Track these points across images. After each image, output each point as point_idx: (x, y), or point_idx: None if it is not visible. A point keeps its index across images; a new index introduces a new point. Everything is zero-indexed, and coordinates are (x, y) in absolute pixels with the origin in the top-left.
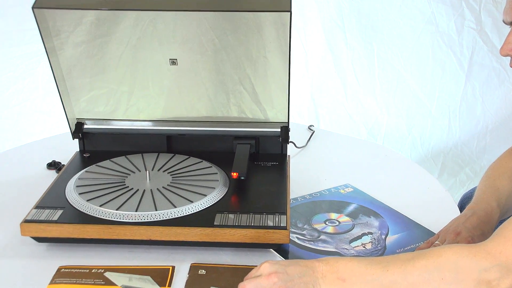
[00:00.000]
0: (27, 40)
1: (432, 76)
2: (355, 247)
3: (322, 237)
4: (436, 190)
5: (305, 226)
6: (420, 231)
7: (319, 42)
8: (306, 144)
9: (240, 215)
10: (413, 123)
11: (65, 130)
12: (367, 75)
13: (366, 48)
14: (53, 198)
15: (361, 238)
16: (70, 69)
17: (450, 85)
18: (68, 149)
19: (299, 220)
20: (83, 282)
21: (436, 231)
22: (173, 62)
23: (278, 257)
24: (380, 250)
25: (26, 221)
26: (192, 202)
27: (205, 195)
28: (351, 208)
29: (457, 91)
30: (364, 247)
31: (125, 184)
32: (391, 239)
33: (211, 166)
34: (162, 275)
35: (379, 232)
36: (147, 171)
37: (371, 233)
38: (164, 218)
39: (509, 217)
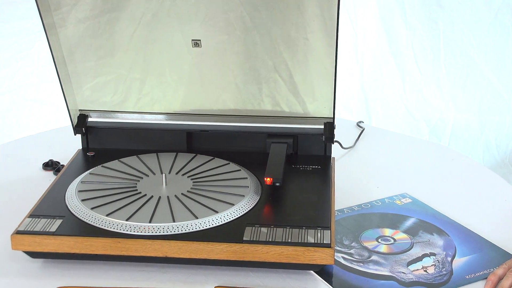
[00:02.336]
0: (21, 15)
1: None
2: (414, 270)
3: (374, 257)
4: None
5: (353, 244)
6: (495, 252)
7: (372, 20)
8: (355, 144)
9: (275, 229)
10: (487, 120)
11: (66, 124)
12: (431, 61)
13: (430, 28)
14: (51, 205)
15: (421, 260)
16: (72, 50)
17: None
18: (69, 146)
19: (346, 236)
20: None
21: None
22: (196, 43)
23: (320, 281)
24: (445, 275)
25: (18, 232)
26: (217, 212)
27: (233, 204)
28: (409, 223)
29: None
30: (425, 271)
31: (136, 190)
32: (459, 262)
33: (240, 170)
34: None
35: (444, 253)
36: (163, 174)
37: (434, 254)
38: (183, 231)
39: None
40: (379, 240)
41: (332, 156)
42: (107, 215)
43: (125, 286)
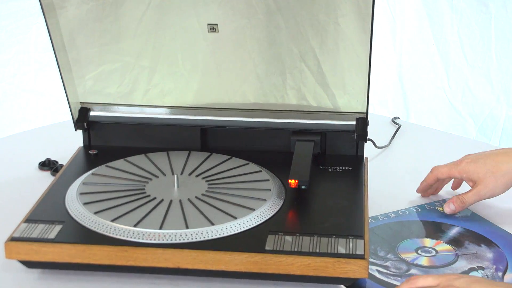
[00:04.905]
0: None
1: None
2: None
3: (413, 271)
4: None
5: (389, 256)
6: None
7: (413, 2)
8: (390, 143)
9: (301, 237)
10: None
11: (65, 118)
12: (480, 49)
13: (480, 12)
14: (49, 209)
15: (468, 274)
16: (74, 35)
17: None
18: (69, 143)
19: (381, 247)
20: None
21: None
22: (212, 28)
23: None
24: None
25: (13, 239)
26: (235, 218)
27: (253, 210)
28: (453, 232)
29: None
30: None
31: (145, 193)
32: (511, 277)
33: (261, 171)
34: None
35: (494, 267)
36: (175, 175)
37: (482, 268)
38: (198, 239)
39: None
40: (419, 251)
41: (364, 156)
42: (112, 221)
43: None
